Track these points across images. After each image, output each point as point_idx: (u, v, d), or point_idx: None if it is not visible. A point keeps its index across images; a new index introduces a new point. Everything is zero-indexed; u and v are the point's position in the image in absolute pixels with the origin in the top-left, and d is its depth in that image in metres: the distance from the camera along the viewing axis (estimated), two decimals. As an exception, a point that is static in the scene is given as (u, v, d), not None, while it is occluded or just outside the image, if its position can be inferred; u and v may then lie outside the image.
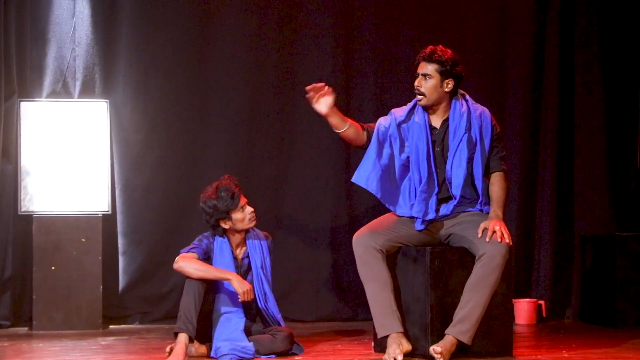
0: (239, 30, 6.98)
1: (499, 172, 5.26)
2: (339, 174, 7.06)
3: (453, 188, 5.21)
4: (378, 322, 5.15)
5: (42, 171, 6.64)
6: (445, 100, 5.25)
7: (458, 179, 5.19)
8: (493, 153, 5.25)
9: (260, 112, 7.01)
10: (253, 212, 5.33)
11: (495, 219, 5.12)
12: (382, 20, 7.12)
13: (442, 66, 5.18)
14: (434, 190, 5.21)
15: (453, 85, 5.22)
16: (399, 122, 5.32)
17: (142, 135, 6.90)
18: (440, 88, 5.21)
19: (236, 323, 5.24)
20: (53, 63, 6.80)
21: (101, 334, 6.37)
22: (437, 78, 5.20)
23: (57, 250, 6.53)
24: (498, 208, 5.19)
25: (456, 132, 5.21)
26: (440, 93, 5.22)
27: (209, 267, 5.20)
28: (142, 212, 6.85)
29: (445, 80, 5.20)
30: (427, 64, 5.21)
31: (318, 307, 6.96)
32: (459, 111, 5.23)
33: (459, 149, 5.19)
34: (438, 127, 5.27)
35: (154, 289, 6.83)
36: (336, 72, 7.05)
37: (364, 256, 5.17)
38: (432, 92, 5.21)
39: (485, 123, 5.24)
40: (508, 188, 5.30)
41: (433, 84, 5.21)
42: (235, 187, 5.28)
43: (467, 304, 5.01)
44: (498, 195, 5.22)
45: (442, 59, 5.18)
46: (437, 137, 5.26)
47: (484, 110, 5.29)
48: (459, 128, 5.21)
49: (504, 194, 5.24)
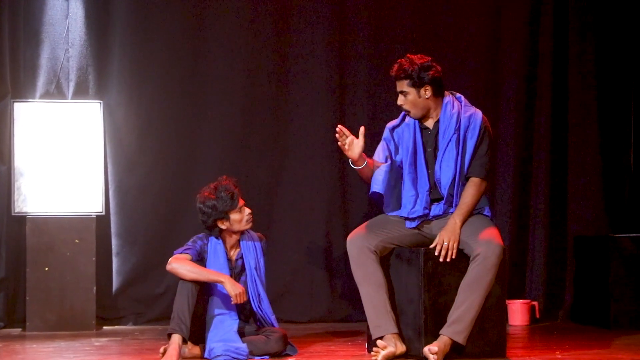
0: (233, 31, 6.98)
1: (474, 178, 5.19)
2: (333, 174, 7.06)
3: (442, 188, 5.21)
4: (373, 323, 5.15)
5: (35, 172, 6.63)
6: (433, 104, 5.24)
7: (446, 179, 5.19)
8: (475, 157, 5.20)
9: (254, 113, 7.01)
10: (250, 214, 5.33)
11: (449, 229, 5.09)
12: (376, 20, 7.12)
13: (410, 79, 5.18)
14: (424, 190, 5.20)
15: (432, 90, 5.20)
16: (392, 128, 5.35)
17: (135, 136, 6.89)
18: (420, 98, 5.21)
19: (230, 324, 5.24)
20: (46, 64, 6.80)
21: (95, 334, 6.36)
22: (413, 91, 5.20)
23: (50, 251, 6.52)
24: (458, 215, 5.13)
25: (445, 132, 5.21)
26: (423, 102, 5.22)
27: (201, 269, 5.19)
28: (136, 213, 6.84)
29: (421, 90, 5.19)
30: (398, 82, 5.23)
31: (312, 308, 6.96)
32: (449, 112, 5.22)
33: (447, 149, 5.19)
34: (430, 128, 5.28)
35: (148, 290, 6.83)
36: (330, 72, 7.05)
37: (358, 257, 5.18)
38: (414, 105, 5.22)
39: (473, 125, 5.20)
40: (479, 195, 5.19)
41: (412, 98, 5.21)
42: (234, 188, 5.29)
43: (462, 305, 5.01)
44: (465, 201, 5.16)
45: (407, 72, 5.17)
46: (429, 138, 5.27)
47: (476, 112, 5.25)
48: (448, 128, 5.20)
49: (471, 201, 5.16)
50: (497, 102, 7.19)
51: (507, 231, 7.01)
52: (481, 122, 5.22)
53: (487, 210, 5.27)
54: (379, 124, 7.09)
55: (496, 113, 7.16)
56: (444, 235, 5.08)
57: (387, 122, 6.99)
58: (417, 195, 5.21)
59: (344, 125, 6.98)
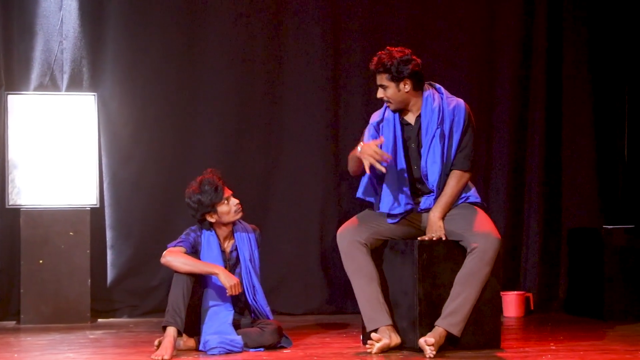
0: (227, 23, 6.97)
1: (457, 170, 5.17)
2: (328, 167, 7.06)
3: (429, 183, 5.19)
4: (366, 315, 5.16)
5: (29, 164, 6.61)
6: (413, 98, 5.20)
7: (434, 175, 5.16)
8: (459, 150, 5.17)
9: (249, 105, 7.01)
10: (239, 204, 5.31)
11: (432, 226, 5.11)
12: (370, 13, 7.12)
13: (389, 73, 5.13)
14: (405, 186, 5.17)
15: (412, 84, 5.16)
16: (377, 123, 5.29)
17: (130, 128, 6.88)
18: (399, 92, 5.16)
19: (224, 316, 5.24)
20: (40, 56, 6.78)
21: (89, 327, 6.35)
22: (392, 85, 5.16)
23: (45, 243, 6.51)
24: (437, 209, 5.13)
25: (428, 128, 5.17)
26: (403, 95, 5.18)
27: (196, 262, 5.19)
28: (131, 206, 6.84)
29: (400, 83, 5.15)
30: (378, 75, 5.18)
31: (307, 301, 6.96)
32: (430, 106, 5.18)
33: (432, 144, 5.15)
34: (412, 123, 5.23)
35: (143, 282, 6.82)
36: (325, 63, 7.05)
37: (349, 251, 5.17)
38: (394, 97, 5.18)
39: (458, 117, 5.17)
40: (460, 187, 5.17)
41: (391, 92, 5.17)
42: (218, 180, 5.27)
43: (459, 297, 5.01)
44: (445, 193, 5.15)
45: (386, 66, 5.12)
46: (411, 133, 5.22)
47: (459, 103, 5.20)
48: (431, 123, 5.16)
49: (450, 194, 5.15)
50: (491, 97, 7.19)
51: (502, 223, 7.01)
52: (465, 114, 5.18)
53: (473, 197, 5.24)
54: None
55: (490, 107, 7.17)
56: (429, 233, 5.12)
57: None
58: (398, 192, 5.17)
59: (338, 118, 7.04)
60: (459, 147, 5.17)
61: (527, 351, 5.16)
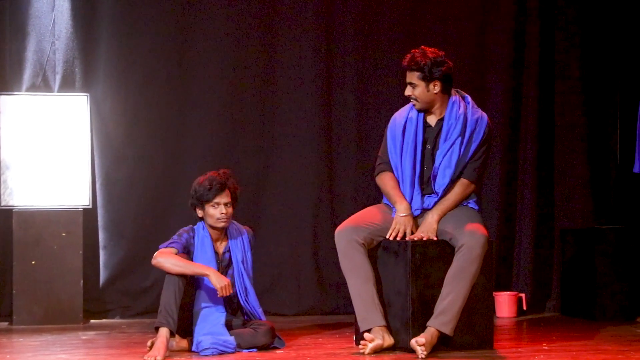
0: (220, 24, 6.97)
1: (465, 179, 5.20)
2: (320, 167, 7.07)
3: (437, 185, 5.20)
4: (360, 315, 5.15)
5: (22, 165, 6.60)
6: (439, 100, 5.23)
7: (445, 179, 5.18)
8: (471, 160, 5.20)
9: (242, 105, 7.00)
10: (225, 214, 5.27)
11: (426, 226, 5.12)
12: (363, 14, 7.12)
13: (421, 72, 5.16)
14: (417, 190, 5.21)
15: (441, 86, 5.19)
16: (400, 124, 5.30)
17: (122, 129, 6.88)
18: (428, 92, 5.20)
19: (217, 317, 5.23)
20: (32, 56, 6.77)
21: (82, 328, 6.34)
22: (422, 84, 5.19)
23: (37, 244, 6.50)
24: (436, 210, 5.16)
25: (449, 134, 5.20)
26: (431, 96, 5.21)
27: (187, 263, 5.18)
28: (123, 207, 6.83)
29: (430, 84, 5.18)
30: (409, 73, 5.21)
31: (299, 301, 6.96)
32: (455, 113, 5.21)
33: (450, 150, 5.18)
34: (433, 126, 5.26)
35: (135, 283, 6.82)
36: (318, 64, 7.05)
37: (346, 250, 5.17)
38: (422, 97, 5.20)
39: (479, 129, 5.21)
40: (463, 196, 5.20)
41: (420, 91, 5.20)
42: (220, 183, 5.27)
43: (448, 296, 5.01)
44: (447, 198, 5.18)
45: (419, 65, 5.15)
46: (429, 136, 5.25)
47: (482, 116, 5.25)
48: (452, 130, 5.19)
49: (453, 199, 5.18)
50: (483, 95, 7.19)
51: (494, 223, 7.03)
52: (486, 127, 5.23)
53: (473, 203, 5.27)
54: (366, 115, 7.12)
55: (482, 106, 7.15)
56: (419, 231, 5.13)
57: (374, 114, 7.06)
58: (414, 193, 5.21)
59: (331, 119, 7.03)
60: (472, 157, 5.20)
61: (520, 351, 5.17)
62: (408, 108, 5.34)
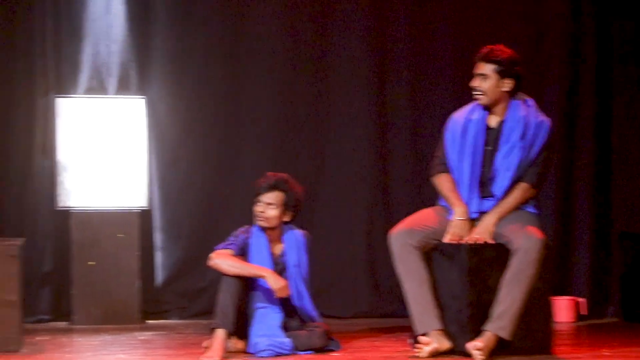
0: (273, 26, 6.98)
1: (525, 183, 5.14)
2: (375, 169, 7.05)
3: (496, 188, 5.15)
4: (416, 319, 5.12)
5: (79, 167, 6.66)
6: (504, 101, 5.18)
7: (504, 181, 5.13)
8: (533, 164, 5.14)
9: (295, 106, 7.01)
10: (263, 213, 5.29)
11: (482, 228, 5.07)
12: (416, 17, 7.09)
13: (499, 65, 5.11)
14: (475, 188, 5.17)
15: (512, 84, 5.15)
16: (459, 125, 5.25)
17: (178, 130, 6.92)
18: (497, 88, 5.14)
19: (273, 319, 5.23)
20: (89, 59, 6.84)
21: (139, 328, 6.39)
22: (495, 77, 5.13)
23: (95, 245, 6.55)
24: (495, 213, 5.10)
25: (510, 136, 5.14)
26: (499, 93, 5.15)
27: (243, 264, 5.19)
28: (179, 208, 6.87)
29: (503, 80, 5.14)
30: (484, 64, 5.14)
31: (355, 304, 6.94)
32: (517, 115, 5.15)
33: (511, 153, 5.13)
34: (494, 127, 5.21)
35: (191, 284, 6.85)
36: (371, 66, 7.03)
37: (401, 253, 5.14)
38: (490, 91, 5.15)
39: (542, 133, 5.14)
40: (522, 200, 5.13)
41: (491, 84, 5.14)
42: (269, 183, 5.29)
43: (505, 299, 4.96)
44: (506, 201, 5.11)
45: (498, 58, 5.11)
46: (490, 137, 5.20)
47: (545, 120, 5.18)
48: (513, 132, 5.13)
49: (513, 203, 5.11)
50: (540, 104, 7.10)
51: (551, 226, 6.94)
52: (548, 132, 5.16)
53: (532, 207, 5.21)
54: (420, 115, 7.08)
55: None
56: (475, 233, 5.08)
57: (428, 115, 7.01)
58: (472, 195, 5.17)
59: (385, 120, 7.01)
60: (533, 161, 5.14)
61: (580, 357, 5.11)
62: (469, 108, 5.29)
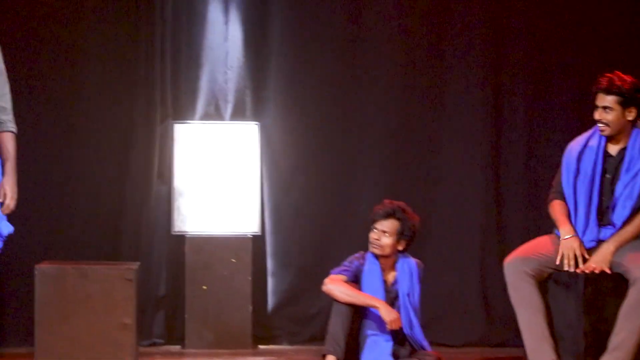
0: (389, 51, 6.97)
1: None
2: (488, 196, 6.96)
3: (615, 217, 5.07)
4: (529, 348, 5.05)
5: (194, 192, 6.76)
6: (627, 129, 5.12)
7: (624, 210, 5.05)
8: None
9: (409, 132, 6.98)
10: (377, 240, 5.31)
11: (599, 256, 4.98)
12: (533, 43, 7.01)
13: (622, 96, 5.04)
14: (593, 215, 5.09)
15: (636, 113, 5.08)
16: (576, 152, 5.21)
17: (291, 157, 6.97)
18: (622, 118, 5.09)
19: (384, 347, 5.22)
20: (206, 86, 6.96)
21: (251, 353, 6.43)
22: (618, 109, 5.07)
23: (208, 269, 6.63)
24: (613, 242, 5.01)
25: (631, 164, 5.07)
26: (623, 122, 5.10)
27: (357, 293, 5.20)
28: (292, 234, 6.91)
29: (626, 110, 5.07)
30: (605, 96, 5.08)
31: (466, 332, 6.85)
32: (639, 143, 5.09)
33: (632, 182, 5.05)
34: (614, 155, 5.15)
35: (302, 310, 6.87)
36: (486, 91, 6.96)
37: (515, 282, 5.09)
38: (614, 122, 5.09)
39: None
40: None
41: (614, 116, 5.08)
42: (386, 211, 5.30)
43: (622, 331, 4.86)
44: (626, 229, 5.03)
45: (621, 90, 5.04)
46: (610, 165, 5.14)
47: None
48: (636, 160, 5.07)
49: (633, 232, 5.03)
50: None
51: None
52: None
53: None
54: (537, 140, 6.97)
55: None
56: (592, 262, 4.99)
57: (545, 139, 6.90)
58: (588, 224, 5.10)
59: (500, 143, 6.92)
60: None
61: (701, 392, 4.94)
62: (586, 136, 5.22)
